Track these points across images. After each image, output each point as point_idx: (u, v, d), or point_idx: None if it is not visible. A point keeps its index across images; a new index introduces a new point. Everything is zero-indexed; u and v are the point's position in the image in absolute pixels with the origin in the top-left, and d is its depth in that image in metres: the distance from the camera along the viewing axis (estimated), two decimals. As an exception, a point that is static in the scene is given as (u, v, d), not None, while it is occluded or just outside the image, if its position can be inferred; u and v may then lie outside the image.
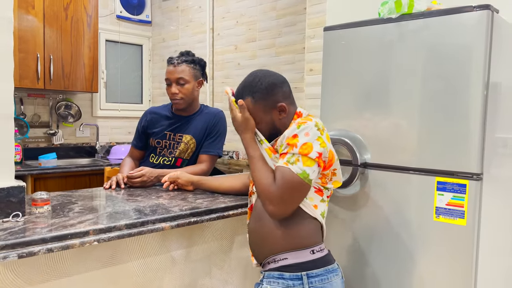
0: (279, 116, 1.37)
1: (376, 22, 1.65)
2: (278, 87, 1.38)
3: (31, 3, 3.17)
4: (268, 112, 1.37)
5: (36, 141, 3.62)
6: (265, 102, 1.36)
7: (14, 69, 3.09)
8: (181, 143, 2.17)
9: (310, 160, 1.24)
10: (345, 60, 1.75)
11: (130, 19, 4.12)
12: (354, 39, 1.72)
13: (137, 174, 1.94)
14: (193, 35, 3.81)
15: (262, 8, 3.19)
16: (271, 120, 1.38)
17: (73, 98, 3.79)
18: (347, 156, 1.69)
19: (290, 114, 1.39)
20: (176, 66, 2.12)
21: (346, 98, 1.74)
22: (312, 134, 1.26)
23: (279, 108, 1.37)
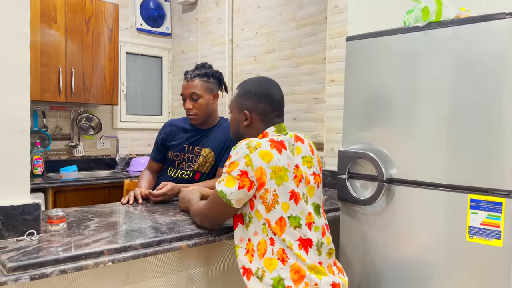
0: (243, 123, 1.47)
1: (401, 31, 1.58)
2: (256, 98, 1.45)
3: (54, 17, 3.22)
4: (239, 112, 1.49)
5: (57, 153, 3.65)
6: (239, 101, 1.49)
7: (36, 83, 3.15)
8: (199, 156, 2.13)
9: (232, 179, 1.30)
10: (368, 71, 1.68)
11: (150, 31, 4.15)
12: (378, 48, 1.65)
13: (160, 193, 1.90)
14: (212, 46, 3.80)
15: (282, 18, 3.15)
16: (237, 120, 1.50)
17: (94, 110, 3.82)
18: (371, 171, 1.62)
19: (255, 128, 1.47)
20: (189, 81, 2.09)
21: (370, 110, 1.67)
22: (241, 153, 1.31)
23: (244, 114, 1.46)
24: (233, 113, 1.53)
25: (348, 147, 1.72)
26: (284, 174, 1.32)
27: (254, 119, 1.46)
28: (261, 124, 1.46)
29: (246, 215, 1.35)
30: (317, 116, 2.84)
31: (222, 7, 3.67)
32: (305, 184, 1.39)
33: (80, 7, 3.35)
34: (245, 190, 1.29)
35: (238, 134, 1.52)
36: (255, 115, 1.46)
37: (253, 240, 1.32)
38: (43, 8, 3.16)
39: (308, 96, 2.92)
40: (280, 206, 1.31)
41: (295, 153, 1.41)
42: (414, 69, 1.54)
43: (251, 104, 1.46)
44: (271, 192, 1.30)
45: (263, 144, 1.33)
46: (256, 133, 1.46)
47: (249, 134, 1.47)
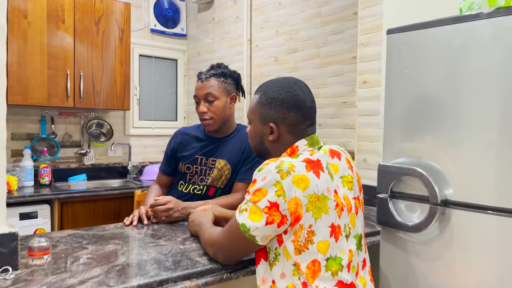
0: (268, 137, 1.21)
1: (457, 20, 1.29)
2: (284, 107, 1.18)
3: (61, 17, 3.02)
4: (262, 123, 1.22)
5: (66, 161, 3.45)
6: (263, 111, 1.21)
7: (42, 87, 2.95)
8: (214, 169, 1.87)
9: (258, 211, 1.04)
10: (414, 69, 1.40)
11: (164, 32, 3.93)
12: (426, 42, 1.37)
13: (162, 201, 1.66)
14: (229, 47, 3.55)
15: (305, 15, 2.88)
16: (260, 133, 1.24)
17: (105, 116, 3.61)
18: (421, 190, 1.33)
19: (282, 142, 1.20)
20: (204, 82, 1.84)
21: (417, 116, 1.38)
22: (270, 178, 1.04)
23: (269, 127, 1.20)
24: (253, 124, 1.26)
25: (390, 161, 1.44)
26: (324, 203, 1.05)
27: (282, 132, 1.19)
28: (290, 137, 1.19)
29: (271, 251, 1.08)
30: (346, 122, 2.55)
31: (240, 5, 3.42)
32: (347, 212, 1.12)
33: (89, 7, 3.15)
34: (274, 226, 1.02)
35: (261, 150, 1.26)
36: (283, 128, 1.18)
37: (278, 283, 1.05)
38: (50, 8, 2.97)
39: (335, 100, 2.64)
40: (316, 247, 1.03)
41: (333, 173, 1.13)
42: (473, 66, 1.25)
43: (278, 115, 1.18)
44: (306, 229, 1.03)
45: (297, 167, 1.06)
46: (283, 147, 1.19)
47: (275, 149, 1.21)
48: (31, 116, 3.27)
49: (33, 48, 2.91)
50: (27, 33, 2.89)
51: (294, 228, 1.02)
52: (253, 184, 1.08)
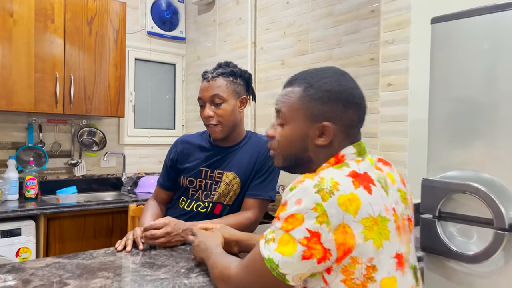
0: (316, 140, 0.93)
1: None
2: (340, 103, 0.91)
3: (51, 16, 2.78)
4: (309, 122, 0.93)
5: (55, 172, 3.18)
6: (311, 106, 0.92)
7: (29, 92, 2.69)
8: (220, 183, 1.62)
9: (291, 242, 0.79)
10: (465, 62, 1.16)
11: (162, 35, 3.70)
12: (484, 32, 1.13)
13: (158, 224, 1.40)
14: (232, 50, 3.32)
15: (315, 14, 2.66)
16: (304, 136, 0.93)
17: (98, 123, 3.36)
18: (482, 212, 1.08)
19: (331, 149, 0.92)
20: (211, 81, 1.59)
21: (471, 120, 1.15)
22: (307, 201, 0.80)
23: (321, 127, 0.91)
24: (293, 124, 0.95)
25: (437, 175, 1.20)
26: (383, 227, 0.81)
27: (335, 135, 0.91)
28: (340, 143, 0.93)
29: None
30: (365, 130, 2.29)
31: (243, 5, 3.20)
32: (407, 238, 0.88)
33: (81, 5, 2.91)
34: (313, 263, 0.78)
35: (299, 160, 0.96)
36: (338, 129, 0.91)
37: None
38: (38, 6, 2.73)
39: (350, 106, 2.40)
40: (379, 286, 0.78)
41: (388, 186, 0.89)
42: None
43: (333, 112, 0.91)
44: (364, 264, 0.78)
45: (342, 184, 0.81)
46: (328, 156, 0.93)
47: (318, 158, 0.94)
48: (17, 123, 3.01)
49: (19, 49, 2.67)
50: (12, 32, 2.64)
51: (342, 263, 0.78)
52: (282, 208, 0.84)
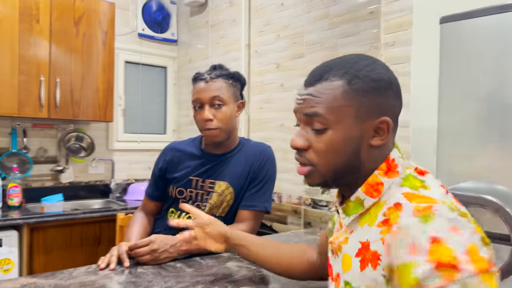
0: (371, 140, 0.75)
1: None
2: (393, 92, 0.76)
3: (36, 16, 2.67)
4: (360, 121, 0.74)
5: (40, 179, 3.05)
6: (364, 100, 0.74)
7: (12, 95, 2.56)
8: (212, 193, 1.52)
9: (492, 277, 0.60)
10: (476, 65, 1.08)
11: (153, 37, 3.59)
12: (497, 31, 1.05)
13: (143, 243, 1.30)
14: (225, 53, 3.23)
15: (311, 16, 2.58)
16: (357, 138, 0.75)
17: (86, 128, 3.24)
18: (497, 227, 1.00)
19: (384, 152, 0.76)
20: (210, 82, 1.50)
21: (484, 126, 1.06)
22: (467, 230, 0.62)
23: (378, 123, 0.74)
24: (340, 127, 0.75)
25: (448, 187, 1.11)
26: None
27: (392, 132, 0.77)
28: (391, 143, 0.78)
29: None
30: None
31: (236, 7, 3.11)
32: None
33: (68, 5, 2.80)
34: None
35: (347, 167, 0.77)
36: (394, 125, 0.77)
37: None
38: (22, 6, 2.61)
39: (348, 111, 2.32)
40: None
41: None
42: None
43: (390, 104, 0.76)
44: None
45: (454, 201, 0.70)
46: (377, 161, 0.77)
47: (367, 164, 0.77)
48: (0, 128, 2.88)
49: (1, 50, 2.55)
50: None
51: None
52: (437, 246, 0.60)
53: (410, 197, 0.68)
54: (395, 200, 0.70)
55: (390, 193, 0.73)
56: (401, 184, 0.73)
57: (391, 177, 0.74)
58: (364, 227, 0.75)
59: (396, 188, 0.73)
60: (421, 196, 0.68)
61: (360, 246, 0.73)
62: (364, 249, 0.72)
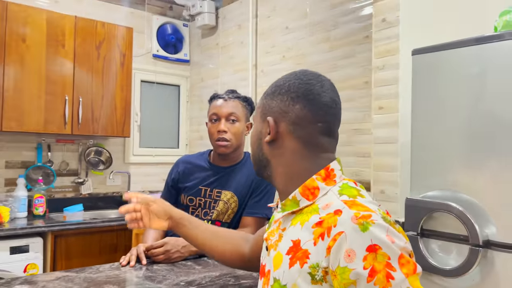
0: (265, 137, 0.87)
1: (493, 39, 1.17)
2: (288, 96, 0.84)
3: (62, 42, 2.93)
4: (262, 119, 0.88)
5: (62, 191, 3.29)
6: (265, 103, 0.87)
7: (39, 113, 2.82)
8: (219, 201, 1.72)
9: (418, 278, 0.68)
10: (445, 92, 1.27)
11: (167, 58, 3.85)
12: (459, 63, 1.24)
13: (158, 244, 1.51)
14: (234, 73, 3.45)
15: (313, 39, 2.79)
16: (258, 134, 0.90)
17: (105, 143, 3.47)
18: (459, 229, 1.17)
19: (286, 150, 0.84)
20: (228, 101, 1.73)
21: (449, 144, 1.24)
22: (399, 238, 0.68)
23: (268, 122, 0.85)
24: (255, 124, 0.93)
25: (419, 195, 1.29)
26: None
27: (282, 132, 0.85)
28: (295, 144, 0.84)
29: None
30: (358, 150, 2.41)
31: (245, 30, 3.34)
32: None
33: (91, 31, 3.06)
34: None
35: (259, 160, 0.90)
36: (284, 126, 0.85)
37: None
38: (50, 32, 2.88)
39: (346, 127, 2.50)
40: None
41: None
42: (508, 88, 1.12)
43: (278, 106, 0.86)
44: None
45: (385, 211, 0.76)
46: (289, 158, 0.85)
47: (276, 159, 0.86)
48: (27, 143, 3.13)
49: (30, 72, 2.81)
50: (25, 57, 2.79)
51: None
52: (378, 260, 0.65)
53: (350, 204, 0.72)
54: (335, 207, 0.73)
55: (327, 199, 0.77)
56: (340, 192, 0.77)
57: (329, 184, 0.80)
58: (296, 226, 0.78)
59: (335, 195, 0.77)
60: (360, 204, 0.72)
61: (292, 244, 0.76)
62: (294, 247, 0.75)
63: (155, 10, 3.78)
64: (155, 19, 3.75)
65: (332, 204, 0.75)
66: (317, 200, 0.79)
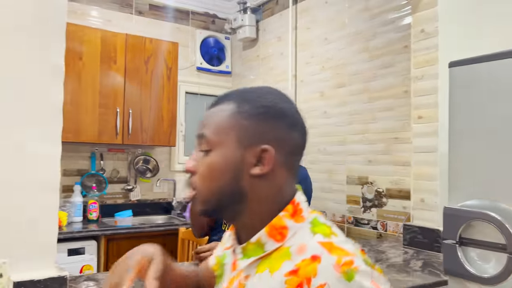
0: (252, 169, 0.68)
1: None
2: (284, 123, 0.71)
3: (114, 58, 3.14)
4: (243, 146, 0.69)
5: (113, 197, 3.50)
6: (247, 125, 0.69)
7: (94, 125, 3.04)
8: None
9: None
10: (482, 102, 1.29)
11: (210, 70, 4.01)
12: (495, 74, 1.26)
13: (205, 247, 1.62)
14: (274, 83, 3.55)
15: (352, 49, 2.83)
16: (237, 164, 0.69)
17: (152, 152, 3.67)
18: (497, 238, 1.19)
19: (273, 185, 0.70)
20: None
21: (486, 153, 1.27)
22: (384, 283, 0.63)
23: (259, 152, 0.68)
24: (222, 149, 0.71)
25: (458, 204, 1.31)
26: None
27: (276, 165, 0.70)
28: (283, 178, 0.71)
29: None
30: (398, 159, 2.43)
31: (284, 41, 3.44)
32: None
33: (140, 47, 3.27)
34: None
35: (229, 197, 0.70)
36: (280, 157, 0.70)
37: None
38: (104, 49, 3.10)
39: (385, 135, 2.53)
40: None
41: None
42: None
43: (275, 133, 0.70)
44: None
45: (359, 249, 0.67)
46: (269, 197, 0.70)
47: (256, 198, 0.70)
48: (82, 153, 3.37)
49: (86, 87, 3.03)
50: (81, 73, 3.02)
51: None
52: None
53: (328, 248, 0.62)
54: (312, 252, 0.62)
55: (299, 240, 0.66)
56: (312, 231, 0.67)
57: (298, 222, 0.68)
58: (264, 274, 0.66)
59: (307, 235, 0.66)
60: (338, 247, 0.63)
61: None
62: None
63: (198, 24, 3.96)
64: (199, 33, 3.92)
65: (306, 247, 0.64)
66: (286, 242, 0.66)
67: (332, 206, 2.90)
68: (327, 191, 2.93)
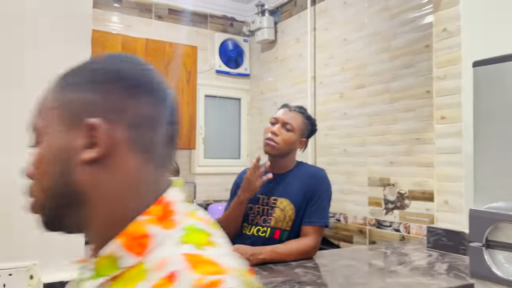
0: (81, 154, 0.52)
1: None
2: (124, 85, 0.55)
3: (134, 63, 3.19)
4: (66, 126, 0.53)
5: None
6: (70, 97, 0.54)
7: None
8: (275, 208, 1.80)
9: None
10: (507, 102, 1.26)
11: (228, 73, 4.03)
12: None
13: None
14: (293, 85, 3.55)
15: (372, 50, 2.81)
16: (61, 152, 0.52)
17: (172, 155, 3.70)
18: (525, 241, 1.16)
19: (116, 175, 0.53)
20: (291, 111, 1.86)
21: None
22: None
23: (88, 128, 0.52)
24: (47, 134, 0.54)
25: (484, 206, 1.29)
26: None
27: (116, 144, 0.53)
28: (134, 163, 0.54)
29: None
30: (420, 160, 2.39)
31: (303, 43, 3.43)
32: None
33: (160, 51, 3.31)
34: None
35: (59, 199, 0.53)
36: (120, 132, 0.53)
37: None
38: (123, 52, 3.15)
39: (407, 136, 2.49)
40: None
41: None
42: None
43: (110, 101, 0.53)
44: None
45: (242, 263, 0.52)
46: (118, 191, 0.53)
47: (98, 193, 0.53)
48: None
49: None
50: (103, 78, 3.07)
51: None
52: None
53: (193, 262, 0.46)
54: (171, 267, 0.46)
55: (162, 253, 0.49)
56: (183, 240, 0.50)
57: (167, 228, 0.51)
58: None
59: (173, 245, 0.50)
60: (209, 262, 0.47)
61: None
62: None
63: (216, 27, 3.98)
64: (217, 36, 3.95)
65: (167, 261, 0.48)
66: (148, 256, 0.50)
67: (352, 208, 2.88)
68: (347, 193, 2.91)
